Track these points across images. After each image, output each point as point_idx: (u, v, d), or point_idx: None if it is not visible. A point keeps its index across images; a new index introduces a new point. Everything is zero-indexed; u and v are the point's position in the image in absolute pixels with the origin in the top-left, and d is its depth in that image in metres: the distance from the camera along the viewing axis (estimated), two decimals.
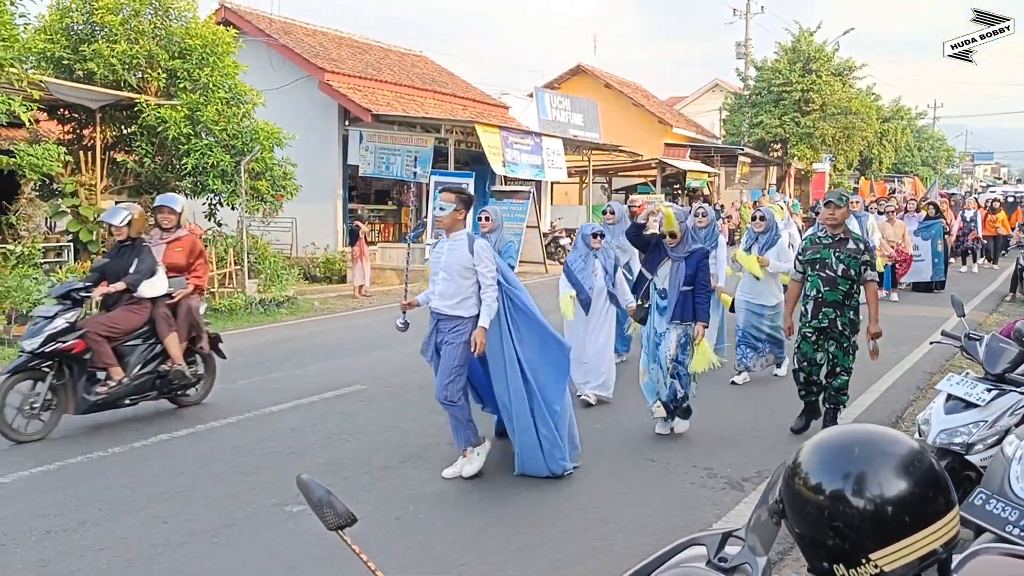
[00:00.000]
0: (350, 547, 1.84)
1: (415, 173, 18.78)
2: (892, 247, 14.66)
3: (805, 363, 6.78)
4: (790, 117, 33.94)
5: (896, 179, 37.80)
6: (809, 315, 6.63)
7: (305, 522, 5.04)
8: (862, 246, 6.55)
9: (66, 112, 14.90)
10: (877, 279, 6.61)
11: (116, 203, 14.96)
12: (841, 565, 1.51)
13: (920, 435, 4.46)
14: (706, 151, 33.52)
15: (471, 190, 18.44)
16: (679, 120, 36.69)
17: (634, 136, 30.61)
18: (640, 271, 7.06)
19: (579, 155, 26.66)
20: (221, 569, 4.55)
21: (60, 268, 12.54)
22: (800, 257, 6.79)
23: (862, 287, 6.65)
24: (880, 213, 15.47)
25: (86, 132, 14.97)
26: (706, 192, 31.78)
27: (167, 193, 9.50)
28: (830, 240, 6.57)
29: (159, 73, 14.54)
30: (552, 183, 25.52)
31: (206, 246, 14.36)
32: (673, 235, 6.65)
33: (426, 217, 19.01)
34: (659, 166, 29.60)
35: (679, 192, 31.27)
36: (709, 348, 6.78)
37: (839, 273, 6.48)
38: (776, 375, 9.05)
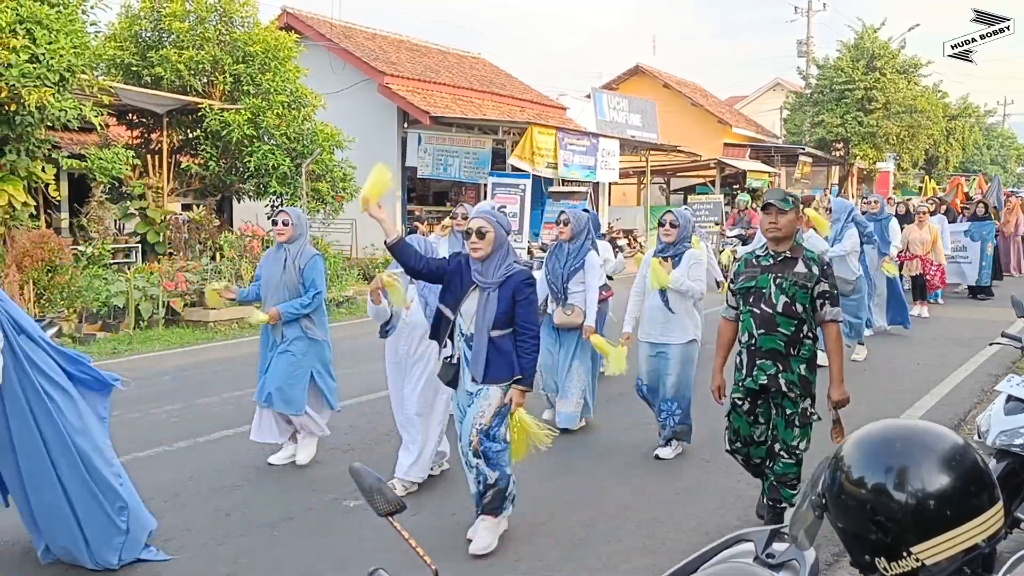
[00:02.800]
0: (399, 532, 1.89)
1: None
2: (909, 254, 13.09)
3: (739, 443, 4.81)
4: (852, 116, 33.32)
5: (965, 177, 36.90)
6: (743, 370, 4.72)
7: (362, 516, 5.13)
8: (816, 269, 4.57)
9: (134, 117, 15.35)
10: (841, 319, 4.66)
11: (182, 205, 15.42)
12: (883, 558, 1.53)
13: (979, 437, 4.39)
14: (766, 151, 33.10)
15: (528, 191, 18.54)
16: (739, 120, 36.29)
17: (693, 136, 30.36)
18: (437, 308, 4.84)
19: (637, 156, 26.56)
20: (280, 561, 4.67)
21: (128, 269, 12.91)
22: (731, 286, 4.87)
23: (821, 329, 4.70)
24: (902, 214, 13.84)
25: (153, 136, 15.41)
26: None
27: None
28: (771, 261, 4.66)
29: (224, 78, 14.90)
30: (610, 184, 25.44)
31: (266, 247, 14.69)
32: (479, 234, 4.52)
33: None
34: (718, 166, 29.33)
35: (737, 192, 30.95)
36: (533, 423, 4.67)
37: (779, 308, 4.55)
38: (658, 457, 6.38)
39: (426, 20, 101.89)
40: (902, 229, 12.26)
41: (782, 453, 4.68)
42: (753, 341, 4.64)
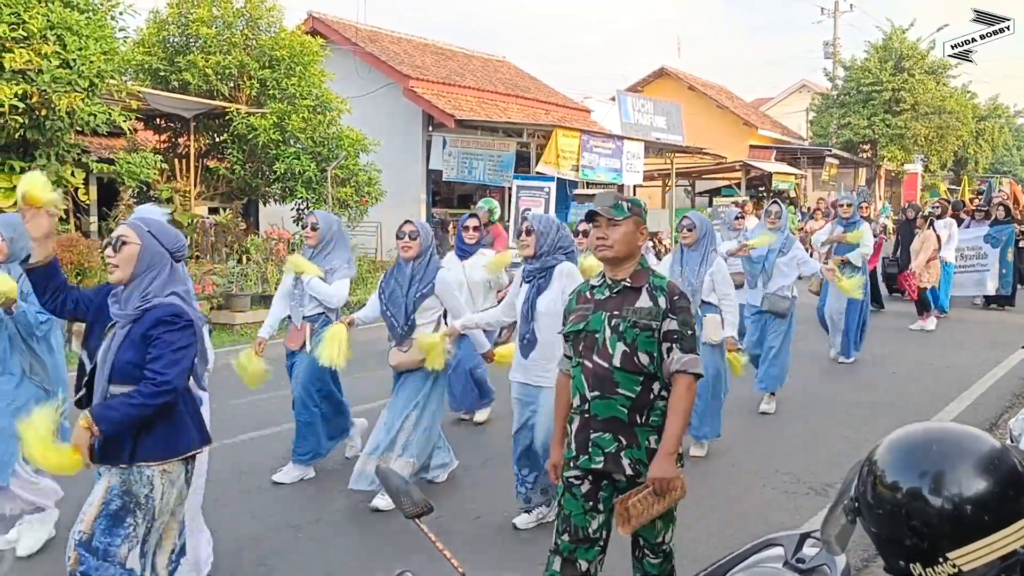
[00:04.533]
0: (426, 535, 1.89)
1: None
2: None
3: (567, 536, 3.36)
4: (879, 118, 33.04)
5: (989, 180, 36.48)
6: (572, 447, 3.35)
7: (388, 518, 5.14)
8: (663, 301, 3.24)
9: (162, 122, 15.51)
10: (696, 368, 3.21)
11: (209, 209, 15.53)
12: (918, 564, 1.50)
13: (1012, 441, 4.32)
14: (792, 153, 32.87)
15: (552, 194, 18.52)
16: (764, 122, 36.09)
17: (718, 138, 30.24)
18: (80, 360, 3.54)
19: (661, 158, 26.47)
20: (306, 563, 4.68)
21: None
22: (562, 327, 3.51)
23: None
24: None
25: (181, 141, 15.56)
26: (793, 195, 31.20)
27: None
28: (606, 293, 3.34)
29: (250, 83, 15.03)
30: (635, 186, 25.38)
31: (293, 250, 14.79)
32: (115, 246, 3.28)
33: (508, 222, 19.13)
34: (743, 168, 29.17)
35: (763, 195, 30.76)
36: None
37: (616, 361, 3.22)
38: (517, 523, 5.07)
39: (444, 20, 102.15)
40: (901, 237, 11.75)
41: (646, 552, 3.44)
42: (586, 407, 3.28)
